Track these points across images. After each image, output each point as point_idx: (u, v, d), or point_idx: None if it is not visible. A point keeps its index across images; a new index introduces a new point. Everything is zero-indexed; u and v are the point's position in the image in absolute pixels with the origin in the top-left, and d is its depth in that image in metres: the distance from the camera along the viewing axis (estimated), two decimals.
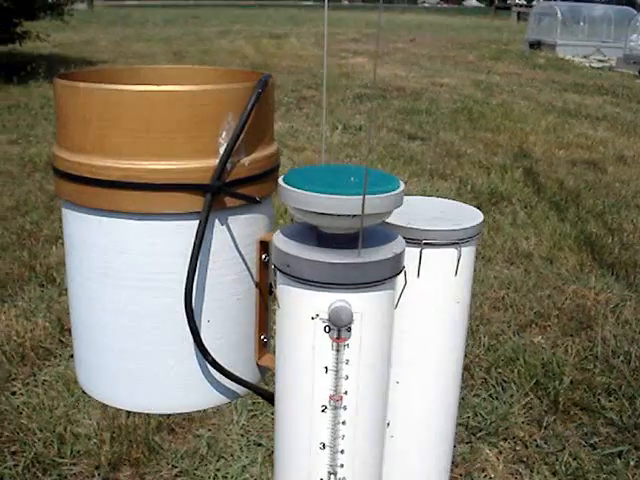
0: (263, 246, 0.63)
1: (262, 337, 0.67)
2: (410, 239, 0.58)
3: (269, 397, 0.63)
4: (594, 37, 13.31)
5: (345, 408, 0.54)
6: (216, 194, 0.59)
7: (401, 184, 0.55)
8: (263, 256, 0.63)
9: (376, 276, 0.52)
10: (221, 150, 0.59)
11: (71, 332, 0.70)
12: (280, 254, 0.54)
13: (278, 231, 0.56)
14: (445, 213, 0.63)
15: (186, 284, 0.59)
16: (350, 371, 0.53)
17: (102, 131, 0.59)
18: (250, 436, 1.94)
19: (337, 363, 0.53)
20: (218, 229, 0.62)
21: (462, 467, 1.88)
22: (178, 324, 0.61)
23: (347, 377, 0.53)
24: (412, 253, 0.58)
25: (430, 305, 0.60)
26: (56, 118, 0.63)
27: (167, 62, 10.50)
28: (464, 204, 0.67)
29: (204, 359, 0.62)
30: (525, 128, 6.16)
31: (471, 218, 0.61)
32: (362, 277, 0.52)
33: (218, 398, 0.66)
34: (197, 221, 0.59)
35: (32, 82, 7.78)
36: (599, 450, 1.93)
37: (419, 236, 0.58)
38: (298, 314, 0.54)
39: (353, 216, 0.52)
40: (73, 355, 0.71)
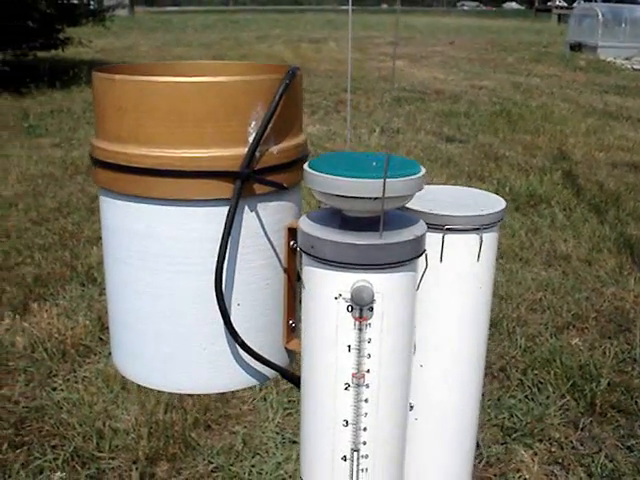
0: (291, 233, 0.65)
1: (290, 322, 0.69)
2: (433, 225, 0.59)
3: (296, 381, 0.65)
4: (636, 39, 13.10)
5: (367, 386, 0.56)
6: (245, 181, 0.61)
7: (422, 169, 0.56)
8: (291, 243, 0.65)
9: (397, 257, 0.54)
10: (250, 139, 0.61)
11: (108, 316, 0.72)
12: (305, 236, 0.56)
13: (304, 216, 0.58)
14: (467, 200, 0.64)
15: (216, 268, 0.61)
16: (372, 350, 0.55)
17: (137, 121, 0.61)
18: (285, 434, 1.95)
19: (359, 342, 0.55)
20: (247, 216, 0.64)
21: (497, 467, 1.87)
22: (209, 307, 0.63)
23: (369, 356, 0.55)
24: (435, 239, 0.60)
25: (453, 290, 0.61)
26: (94, 110, 0.65)
27: None
28: (486, 192, 0.67)
29: (234, 341, 0.64)
30: (565, 130, 6.10)
31: (493, 205, 0.62)
32: (383, 258, 0.53)
33: (247, 380, 0.68)
34: (227, 207, 0.61)
35: (74, 87, 7.92)
36: (636, 452, 1.91)
37: (441, 222, 0.59)
38: (322, 294, 0.55)
39: (374, 199, 0.53)
40: (110, 339, 0.73)
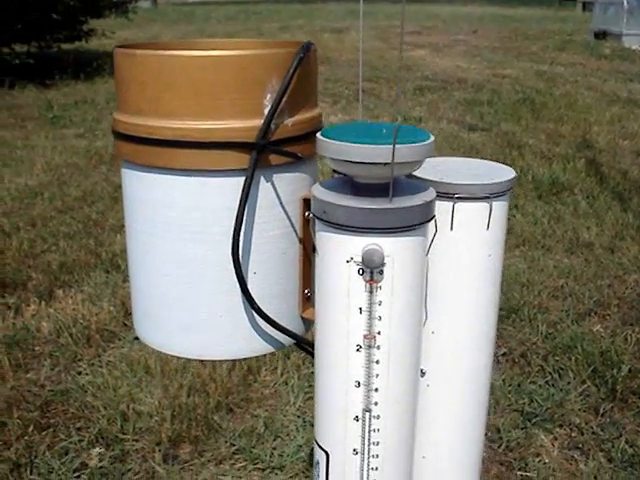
0: (306, 204, 0.66)
1: (306, 291, 0.71)
2: (443, 193, 0.60)
3: (312, 349, 0.66)
4: None
5: (378, 348, 0.57)
6: (261, 152, 0.63)
7: (431, 137, 0.58)
8: (306, 213, 0.66)
9: (406, 221, 0.55)
10: (266, 111, 0.63)
11: (130, 286, 0.74)
12: (318, 202, 0.58)
13: (317, 184, 0.60)
14: (478, 170, 0.65)
15: (233, 236, 0.63)
16: (383, 312, 0.56)
17: (157, 94, 0.63)
18: (306, 417, 1.97)
19: (370, 304, 0.56)
20: (263, 186, 0.65)
21: (516, 452, 1.88)
22: (227, 274, 0.65)
23: (380, 318, 0.56)
24: (445, 207, 0.61)
25: (463, 257, 0.62)
26: (116, 86, 0.67)
27: None
28: (497, 163, 0.68)
29: (250, 308, 0.66)
30: (589, 118, 6.05)
31: (503, 174, 0.63)
32: (393, 222, 0.54)
33: (264, 347, 0.70)
34: (244, 178, 0.62)
35: (98, 78, 7.98)
36: None
37: (452, 190, 0.60)
38: (334, 258, 0.57)
39: (384, 164, 0.55)
40: (132, 308, 0.75)
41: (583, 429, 1.96)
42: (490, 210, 0.60)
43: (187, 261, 0.66)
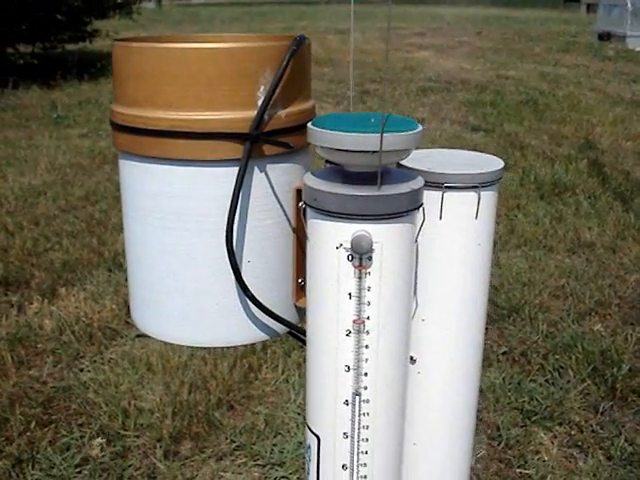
0: (299, 194, 0.67)
1: (299, 280, 0.72)
2: (432, 183, 0.61)
3: (305, 337, 0.67)
4: None
5: (368, 332, 0.58)
6: (254, 142, 0.64)
7: (419, 126, 0.59)
8: (300, 203, 0.68)
9: (394, 208, 0.56)
10: (259, 102, 0.64)
11: (128, 275, 0.76)
12: (309, 190, 0.59)
13: (309, 173, 0.61)
14: (467, 161, 0.66)
15: (227, 225, 0.64)
16: (372, 297, 0.58)
17: (153, 85, 0.65)
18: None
19: (359, 289, 0.57)
20: (257, 176, 0.67)
21: (516, 449, 1.89)
22: (222, 263, 0.66)
23: (369, 303, 0.58)
24: (434, 196, 0.62)
25: (452, 246, 0.63)
26: (114, 79, 0.69)
27: None
28: (487, 154, 0.69)
29: (244, 295, 0.67)
30: (592, 120, 6.05)
31: (491, 165, 0.64)
32: (381, 209, 0.56)
33: (258, 335, 0.71)
34: (237, 167, 0.64)
35: (102, 79, 8.00)
36: None
37: (440, 180, 0.61)
38: (324, 244, 0.58)
39: (372, 152, 0.56)
40: (129, 297, 0.77)
41: (583, 427, 1.97)
42: (479, 200, 0.61)
43: (182, 249, 0.67)
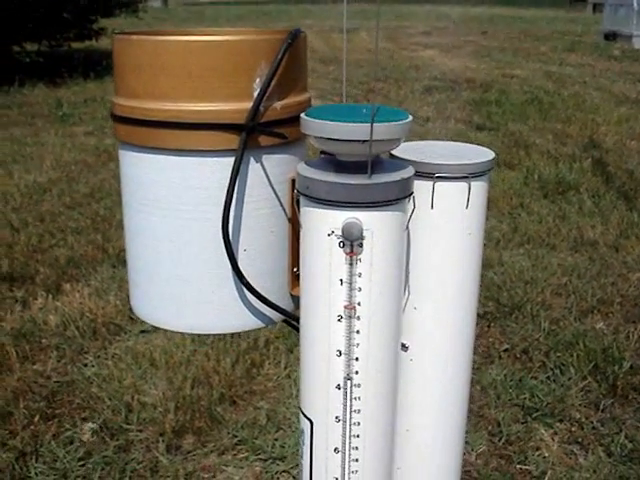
0: (294, 184, 0.69)
1: (295, 270, 0.73)
2: (424, 173, 0.63)
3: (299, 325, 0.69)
4: None
5: (359, 318, 0.60)
6: (250, 133, 0.66)
7: (409, 117, 0.60)
8: (295, 194, 0.69)
9: (384, 196, 0.58)
10: (255, 94, 0.66)
11: (127, 264, 0.77)
12: (302, 179, 0.61)
13: (302, 162, 0.63)
14: (458, 152, 0.68)
15: (223, 214, 0.66)
16: (363, 283, 0.59)
17: (152, 77, 0.66)
18: None
19: (350, 276, 0.59)
20: (253, 166, 0.68)
21: (516, 445, 1.90)
22: (218, 251, 0.68)
23: (360, 289, 0.59)
24: (426, 186, 0.64)
25: (444, 235, 0.65)
26: (114, 71, 0.71)
27: None
28: (479, 146, 0.71)
29: (240, 283, 0.69)
30: (597, 119, 6.05)
31: (482, 156, 0.66)
32: (371, 196, 0.58)
33: (254, 322, 0.73)
34: (234, 158, 0.65)
35: (107, 77, 8.02)
36: None
37: (431, 170, 0.63)
38: (317, 232, 0.60)
39: (363, 141, 0.58)
40: (129, 285, 0.78)
41: (583, 424, 1.98)
42: (469, 189, 0.63)
43: (179, 238, 0.69)
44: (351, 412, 0.62)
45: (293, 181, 0.69)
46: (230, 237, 0.67)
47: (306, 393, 0.65)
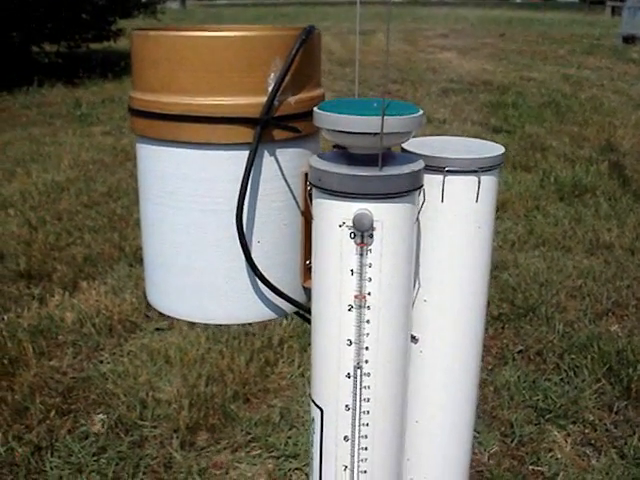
0: (307, 178, 0.70)
1: (307, 262, 0.74)
2: (434, 167, 0.64)
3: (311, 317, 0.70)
4: None
5: (369, 308, 0.61)
6: (265, 126, 0.67)
7: (420, 111, 0.62)
8: (308, 187, 0.70)
9: (394, 188, 0.59)
10: (269, 89, 0.67)
11: (143, 255, 0.79)
12: (314, 171, 0.62)
13: (315, 156, 0.64)
14: (469, 147, 0.69)
15: (237, 206, 0.67)
16: (373, 273, 0.60)
17: (169, 72, 0.68)
18: None
19: (361, 266, 0.60)
20: (267, 160, 0.70)
21: (529, 446, 1.90)
22: (232, 243, 0.69)
23: (370, 279, 0.60)
24: (436, 180, 0.65)
25: (454, 228, 0.66)
26: (132, 66, 0.72)
27: None
28: (490, 142, 0.72)
29: (254, 274, 0.70)
30: (614, 122, 6.02)
31: (492, 150, 0.67)
32: (382, 188, 0.59)
33: (267, 313, 0.74)
34: (248, 151, 0.67)
35: (125, 77, 8.08)
36: None
37: (442, 164, 0.64)
38: (328, 223, 0.61)
39: (374, 134, 0.59)
40: (145, 276, 0.80)
41: (597, 426, 1.97)
42: (479, 184, 0.64)
43: (195, 229, 0.70)
44: (361, 400, 0.63)
45: (306, 175, 0.70)
46: (244, 229, 0.68)
47: (317, 382, 0.66)
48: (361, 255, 0.60)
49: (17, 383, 2.09)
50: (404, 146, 0.68)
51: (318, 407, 0.66)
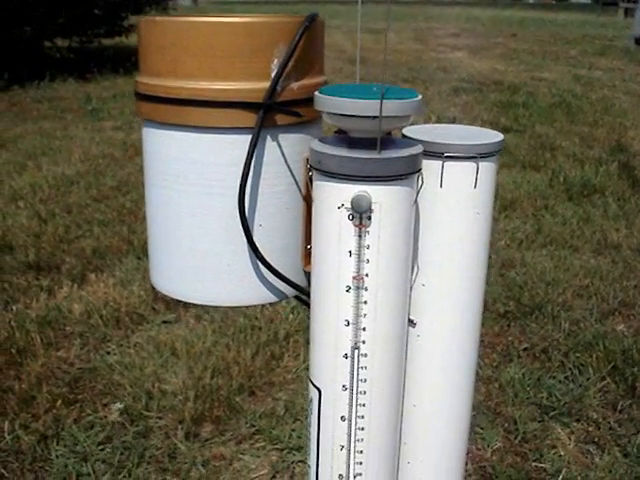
0: (308, 162, 0.71)
1: (308, 247, 0.76)
2: (433, 152, 0.65)
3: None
4: None
5: (366, 289, 0.62)
6: (267, 111, 0.68)
7: (419, 96, 0.63)
8: (310, 173, 0.71)
9: (392, 171, 0.60)
10: (273, 74, 0.69)
11: (147, 238, 0.81)
12: (315, 154, 0.63)
13: (316, 139, 0.66)
14: (468, 133, 0.70)
15: (239, 190, 0.68)
16: (370, 255, 0.61)
17: (175, 57, 0.69)
18: None
19: (359, 247, 0.61)
20: (269, 144, 0.71)
21: (532, 443, 1.90)
22: (235, 226, 0.70)
23: (368, 261, 0.61)
24: (435, 166, 0.66)
25: (452, 214, 0.67)
26: (139, 52, 0.73)
27: None
28: (490, 130, 0.72)
29: (255, 257, 0.71)
30: (625, 123, 6.01)
31: (491, 137, 0.68)
32: (380, 171, 0.60)
33: (268, 296, 0.75)
34: (251, 135, 0.68)
35: (136, 73, 8.08)
36: None
37: (441, 149, 0.65)
38: (327, 205, 0.62)
39: (373, 117, 0.60)
40: (149, 259, 0.81)
41: (600, 424, 1.98)
42: (477, 169, 0.65)
43: (198, 212, 0.72)
44: (358, 381, 0.64)
45: (308, 160, 0.71)
46: (246, 212, 0.69)
47: (315, 362, 0.68)
48: (359, 237, 0.61)
49: (24, 373, 2.11)
50: (404, 132, 0.69)
51: (316, 387, 0.67)
